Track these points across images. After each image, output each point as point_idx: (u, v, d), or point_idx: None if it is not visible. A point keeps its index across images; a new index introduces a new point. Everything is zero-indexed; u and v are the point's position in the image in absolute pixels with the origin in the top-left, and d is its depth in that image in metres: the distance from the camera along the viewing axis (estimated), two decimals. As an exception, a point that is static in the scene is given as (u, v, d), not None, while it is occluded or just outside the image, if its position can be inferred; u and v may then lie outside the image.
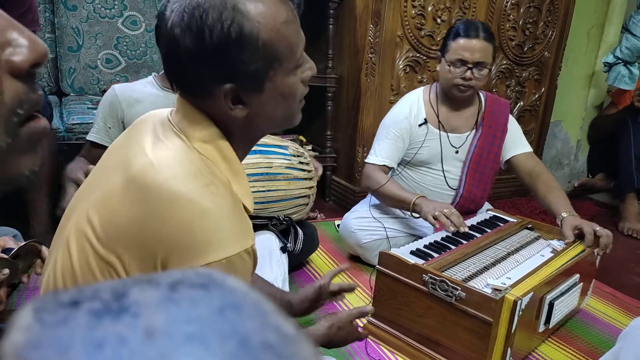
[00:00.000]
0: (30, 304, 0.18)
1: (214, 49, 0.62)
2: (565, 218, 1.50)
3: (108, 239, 0.63)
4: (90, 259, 0.65)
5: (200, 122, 0.68)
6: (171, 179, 0.61)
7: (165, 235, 0.60)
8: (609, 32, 2.94)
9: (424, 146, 1.71)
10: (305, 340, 0.17)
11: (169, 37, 0.64)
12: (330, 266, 1.75)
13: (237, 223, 0.64)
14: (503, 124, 1.72)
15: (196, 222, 0.60)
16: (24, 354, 0.16)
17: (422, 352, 1.23)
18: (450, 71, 1.58)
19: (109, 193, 0.65)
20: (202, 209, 0.60)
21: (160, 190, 0.61)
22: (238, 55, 0.63)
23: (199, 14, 0.61)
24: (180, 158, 0.64)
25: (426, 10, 2.17)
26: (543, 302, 1.23)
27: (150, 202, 0.61)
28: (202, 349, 0.15)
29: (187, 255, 0.60)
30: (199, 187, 0.62)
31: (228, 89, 0.65)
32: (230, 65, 0.63)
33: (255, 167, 1.43)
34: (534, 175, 1.68)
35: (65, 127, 1.80)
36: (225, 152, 0.68)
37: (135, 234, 0.62)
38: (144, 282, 0.19)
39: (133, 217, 0.62)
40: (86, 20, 2.15)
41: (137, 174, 0.63)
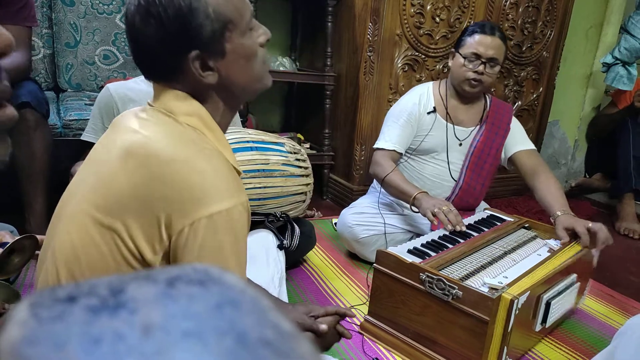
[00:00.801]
0: (27, 299, 0.18)
1: (172, 24, 0.68)
2: (558, 218, 1.50)
3: (111, 209, 0.68)
4: (92, 231, 0.69)
5: (181, 99, 0.74)
6: (167, 147, 0.68)
7: (167, 194, 0.65)
8: (608, 32, 2.94)
9: (430, 134, 1.74)
10: (303, 337, 0.17)
11: (133, 27, 0.70)
12: (327, 264, 1.75)
13: (232, 180, 0.69)
14: (507, 123, 1.77)
15: (195, 179, 0.66)
16: (20, 349, 0.16)
17: (418, 350, 1.23)
18: (464, 64, 1.64)
19: (106, 172, 0.70)
20: (199, 168, 0.66)
21: (159, 156, 0.67)
22: (193, 22, 0.69)
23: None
24: (171, 131, 0.71)
25: (425, 9, 2.16)
26: (540, 301, 1.23)
27: (150, 167, 0.67)
28: (200, 345, 0.15)
29: (188, 210, 0.65)
30: (194, 151, 0.68)
31: (194, 56, 0.70)
32: (189, 34, 0.69)
33: (251, 163, 1.43)
34: (534, 172, 1.69)
35: (63, 123, 1.79)
36: (208, 123, 0.74)
37: (139, 198, 0.67)
38: (142, 278, 0.19)
39: (135, 183, 0.67)
40: (84, 16, 2.14)
41: (133, 146, 0.69)
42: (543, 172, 1.68)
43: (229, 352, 0.15)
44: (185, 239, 0.66)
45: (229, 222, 0.67)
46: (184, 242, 0.66)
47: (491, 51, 1.61)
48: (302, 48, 2.66)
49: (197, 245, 0.66)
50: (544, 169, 1.70)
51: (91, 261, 0.70)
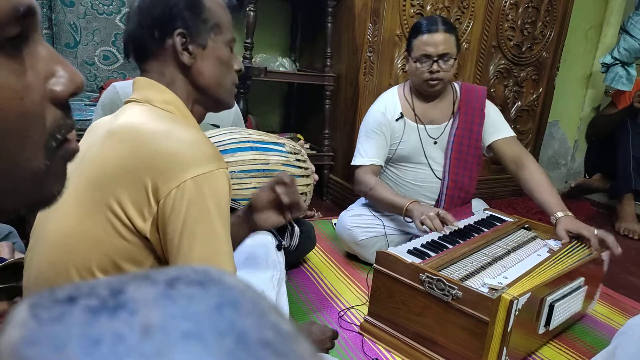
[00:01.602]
0: (26, 300, 0.18)
1: (168, 5, 0.78)
2: (560, 219, 1.48)
3: (101, 185, 0.72)
4: (84, 213, 0.72)
5: (159, 90, 0.81)
6: (147, 122, 0.74)
7: (152, 162, 0.70)
8: (607, 32, 2.95)
9: (402, 141, 1.72)
10: (303, 338, 0.17)
11: (135, 11, 0.81)
12: (327, 264, 1.75)
13: (212, 149, 0.74)
14: (480, 108, 1.73)
15: (177, 146, 0.71)
16: (20, 350, 0.16)
17: (418, 350, 1.23)
18: (417, 68, 1.62)
19: (91, 154, 0.75)
20: (180, 137, 0.72)
21: (140, 130, 0.73)
22: (188, 9, 0.79)
23: None
24: (149, 112, 0.77)
25: (425, 10, 2.17)
26: (543, 303, 1.22)
27: (134, 140, 0.72)
28: (200, 346, 0.15)
29: (173, 174, 0.69)
30: (173, 125, 0.74)
31: (180, 32, 0.79)
32: (182, 16, 0.79)
33: (251, 163, 1.43)
34: (519, 164, 1.65)
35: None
36: (183, 111, 0.81)
37: (126, 169, 0.71)
38: (141, 279, 0.19)
39: (120, 156, 0.72)
40: (84, 16, 2.15)
41: (115, 127, 0.75)
42: (529, 164, 1.64)
43: (229, 353, 0.15)
44: (173, 201, 0.69)
45: (212, 184, 0.71)
46: (171, 205, 0.69)
47: (440, 47, 1.58)
48: (302, 48, 2.66)
49: (184, 206, 0.69)
50: (528, 159, 1.66)
51: (85, 243, 0.72)
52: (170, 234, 0.70)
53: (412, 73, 1.67)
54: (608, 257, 1.48)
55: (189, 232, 0.70)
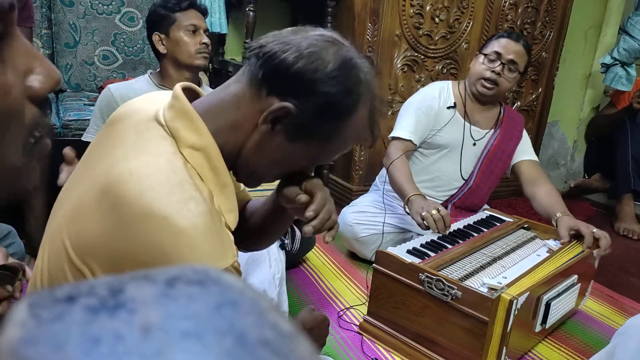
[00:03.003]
0: (26, 300, 0.18)
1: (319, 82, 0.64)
2: (560, 218, 1.50)
3: (81, 251, 0.61)
4: (64, 265, 0.63)
5: (196, 126, 0.65)
6: (146, 191, 0.58)
7: (136, 253, 0.58)
8: (607, 33, 2.95)
9: (445, 129, 1.73)
10: (303, 337, 0.17)
11: (303, 55, 0.64)
12: (327, 264, 1.75)
13: (215, 242, 0.60)
14: (520, 130, 1.79)
15: (169, 242, 0.57)
16: (19, 350, 0.16)
17: (418, 350, 1.23)
18: (483, 63, 1.65)
19: (82, 202, 0.63)
20: (176, 228, 0.57)
21: (134, 204, 0.58)
22: (325, 102, 0.65)
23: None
24: (162, 166, 0.61)
25: (424, 10, 2.17)
26: (540, 302, 1.23)
27: (123, 215, 0.58)
28: (199, 345, 0.15)
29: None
30: (176, 202, 0.58)
31: (287, 106, 0.64)
32: (318, 97, 0.64)
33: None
34: (535, 183, 1.69)
35: (62, 123, 1.79)
36: (214, 162, 0.65)
37: (106, 247, 0.59)
38: (141, 279, 0.19)
39: (104, 229, 0.59)
40: (83, 16, 2.14)
41: (112, 182, 0.60)
42: (545, 183, 1.68)
43: (229, 353, 0.15)
44: None
45: None
46: None
47: (512, 54, 1.62)
48: (302, 48, 2.65)
49: None
50: (545, 180, 1.70)
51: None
52: None
53: (475, 69, 1.69)
54: (598, 255, 1.50)
55: None
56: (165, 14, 1.50)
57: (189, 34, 1.49)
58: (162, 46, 1.52)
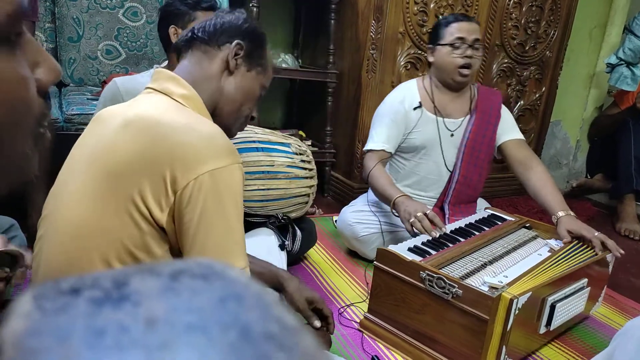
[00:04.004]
0: (30, 291, 0.18)
1: (243, 23, 0.92)
2: (561, 218, 1.48)
3: (121, 173, 0.73)
4: (100, 203, 0.74)
5: (180, 84, 0.84)
6: (166, 113, 0.76)
7: (171, 154, 0.72)
8: (611, 32, 2.93)
9: (416, 130, 1.72)
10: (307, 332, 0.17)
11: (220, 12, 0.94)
12: (328, 261, 1.75)
13: (228, 143, 0.76)
14: (497, 109, 1.75)
15: (195, 139, 0.73)
16: (23, 341, 0.16)
17: (418, 348, 1.23)
18: (451, 53, 1.63)
19: (106, 144, 0.76)
20: (198, 130, 0.74)
21: (159, 121, 0.74)
22: (254, 36, 0.92)
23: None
24: (167, 104, 0.80)
25: (428, 7, 2.16)
26: (544, 303, 1.22)
27: (152, 131, 0.74)
28: (203, 338, 0.15)
29: (191, 166, 0.71)
30: (192, 117, 0.77)
31: (239, 43, 0.89)
32: (248, 36, 0.91)
33: (256, 165, 1.43)
34: (527, 165, 1.66)
35: (65, 118, 1.79)
36: (201, 109, 0.84)
37: (145, 159, 0.72)
38: (145, 271, 0.19)
39: (139, 146, 0.73)
40: (87, 10, 2.14)
41: (132, 117, 0.76)
42: (536, 166, 1.65)
43: (233, 346, 0.15)
44: (190, 193, 0.71)
45: (228, 178, 0.73)
46: (188, 196, 0.71)
47: (474, 34, 1.63)
48: (305, 45, 2.65)
49: (201, 198, 0.71)
50: (536, 162, 1.66)
51: (102, 233, 0.73)
52: (186, 224, 0.73)
53: (442, 60, 1.65)
54: (613, 259, 1.48)
55: (205, 222, 0.72)
56: (186, 10, 1.50)
57: None
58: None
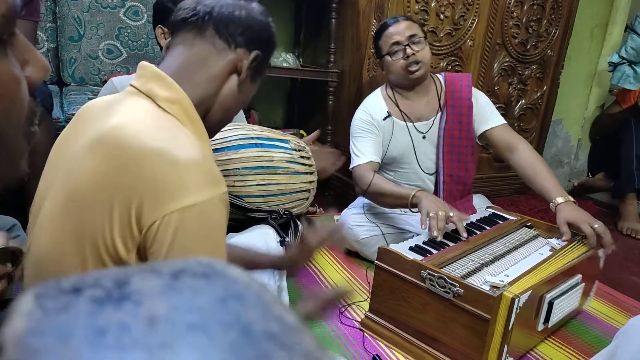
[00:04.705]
0: (32, 290, 0.18)
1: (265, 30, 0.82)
2: (559, 206, 1.44)
3: (84, 205, 0.65)
4: (65, 234, 0.66)
5: (166, 84, 0.72)
6: (139, 134, 0.64)
7: (138, 186, 0.62)
8: (613, 31, 2.93)
9: (392, 140, 1.70)
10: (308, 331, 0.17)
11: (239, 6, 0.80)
12: (329, 260, 1.75)
13: (207, 170, 0.66)
14: (467, 98, 1.69)
15: (166, 171, 0.62)
16: (25, 340, 0.16)
17: (419, 347, 1.23)
18: (392, 62, 1.63)
19: (76, 167, 0.67)
20: (171, 158, 0.63)
21: (129, 146, 0.63)
22: (270, 47, 0.83)
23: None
24: (146, 115, 0.68)
25: (429, 6, 2.16)
26: (543, 300, 1.23)
27: (120, 157, 0.63)
28: (205, 337, 0.15)
29: (159, 203, 0.62)
30: (167, 138, 0.65)
31: (258, 55, 0.79)
32: (265, 46, 0.81)
33: (255, 160, 1.43)
34: (512, 149, 1.62)
35: (66, 117, 1.79)
36: (190, 114, 0.73)
37: (109, 191, 0.63)
38: (146, 271, 0.19)
39: (105, 174, 0.64)
40: (88, 10, 2.14)
41: (103, 135, 0.66)
42: (523, 148, 1.61)
43: (234, 345, 0.15)
44: (155, 233, 0.62)
45: (202, 216, 0.64)
46: (152, 237, 0.63)
47: (406, 32, 1.61)
48: (306, 44, 2.65)
49: (167, 241, 0.62)
50: (522, 144, 1.63)
51: (65, 267, 0.67)
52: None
53: (389, 71, 1.67)
54: (604, 254, 1.48)
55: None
56: (172, 8, 1.48)
57: None
58: (164, 40, 1.51)
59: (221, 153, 1.38)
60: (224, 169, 1.37)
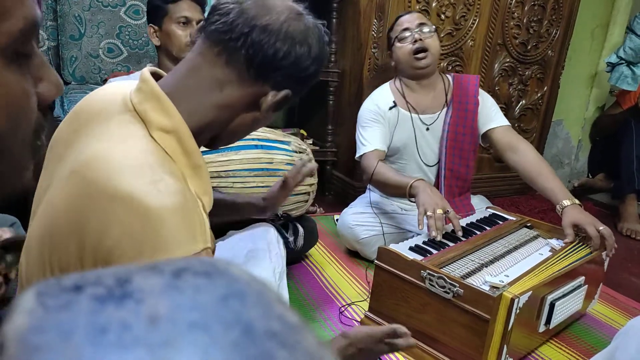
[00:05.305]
0: (33, 288, 0.18)
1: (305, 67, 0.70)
2: (566, 209, 1.44)
3: (51, 239, 0.60)
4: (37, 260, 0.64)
5: (165, 108, 0.64)
6: (114, 174, 0.56)
7: (105, 236, 0.55)
8: (614, 32, 2.93)
9: (397, 131, 1.72)
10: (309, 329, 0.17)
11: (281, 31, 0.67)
12: (329, 260, 1.75)
13: (186, 224, 0.57)
14: (473, 95, 1.72)
15: (137, 223, 0.55)
16: (26, 338, 0.16)
17: (419, 347, 1.23)
18: (401, 47, 1.68)
19: (51, 195, 0.62)
20: (144, 209, 0.55)
21: (102, 188, 0.56)
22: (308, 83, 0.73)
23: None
24: (131, 149, 0.60)
25: (430, 7, 2.16)
26: (544, 302, 1.22)
27: (89, 197, 0.57)
28: (206, 336, 0.15)
29: (127, 259, 0.55)
30: (146, 183, 0.56)
31: (286, 94, 0.70)
32: (305, 83, 0.72)
33: (255, 162, 1.43)
34: (514, 149, 1.63)
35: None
36: (186, 144, 0.64)
37: (79, 228, 0.57)
38: (148, 269, 0.19)
39: (75, 211, 0.58)
40: (88, 8, 2.14)
41: (80, 168, 0.59)
42: (524, 149, 1.61)
43: (236, 344, 0.15)
44: None
45: None
46: None
47: (416, 21, 1.67)
48: (306, 44, 2.65)
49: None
50: (524, 145, 1.64)
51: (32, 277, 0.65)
52: None
53: (398, 58, 1.70)
54: (606, 257, 1.47)
55: None
56: (159, 4, 1.47)
57: (181, 27, 1.46)
58: (156, 39, 1.50)
59: (221, 153, 1.38)
60: (224, 169, 1.37)
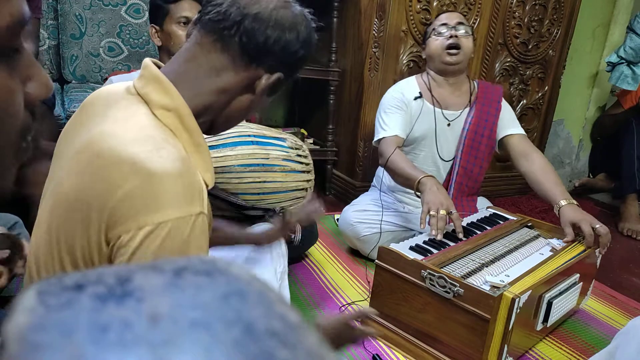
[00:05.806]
0: (34, 287, 0.18)
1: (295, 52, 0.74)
2: (563, 208, 1.46)
3: (62, 219, 0.64)
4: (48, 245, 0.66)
5: (163, 90, 0.68)
6: (119, 145, 0.60)
7: (110, 196, 0.59)
8: (615, 31, 2.92)
9: (418, 122, 1.74)
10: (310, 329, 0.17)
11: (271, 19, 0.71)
12: (329, 259, 1.75)
13: (185, 188, 0.61)
14: (497, 101, 1.78)
15: (138, 184, 0.58)
16: (27, 336, 0.16)
17: (419, 347, 1.24)
18: (434, 39, 1.71)
19: (59, 177, 0.66)
20: (146, 171, 0.59)
21: (104, 153, 0.60)
22: (298, 67, 0.77)
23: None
24: (136, 123, 0.64)
25: (431, 6, 2.15)
26: (541, 300, 1.23)
27: (95, 165, 0.61)
28: (207, 335, 0.15)
29: (128, 215, 0.58)
30: (147, 150, 0.60)
31: (280, 77, 0.74)
32: (297, 65, 0.76)
33: (251, 157, 1.42)
34: (528, 157, 1.67)
35: (67, 114, 1.80)
36: (187, 122, 0.68)
37: (86, 198, 0.61)
38: (148, 268, 0.19)
39: (82, 181, 0.61)
40: (89, 7, 2.14)
41: (88, 140, 0.64)
42: (537, 157, 1.66)
43: (236, 342, 0.15)
44: (124, 248, 0.59)
45: (174, 234, 0.59)
46: (116, 252, 0.59)
47: (456, 18, 1.71)
48: (307, 43, 2.65)
49: (125, 258, 0.59)
50: (537, 154, 1.67)
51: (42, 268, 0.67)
52: None
53: (431, 49, 1.73)
54: (598, 254, 1.48)
55: None
56: (160, 4, 1.46)
57: (181, 27, 1.45)
58: (157, 39, 1.50)
59: (217, 150, 1.38)
60: (220, 165, 1.37)
